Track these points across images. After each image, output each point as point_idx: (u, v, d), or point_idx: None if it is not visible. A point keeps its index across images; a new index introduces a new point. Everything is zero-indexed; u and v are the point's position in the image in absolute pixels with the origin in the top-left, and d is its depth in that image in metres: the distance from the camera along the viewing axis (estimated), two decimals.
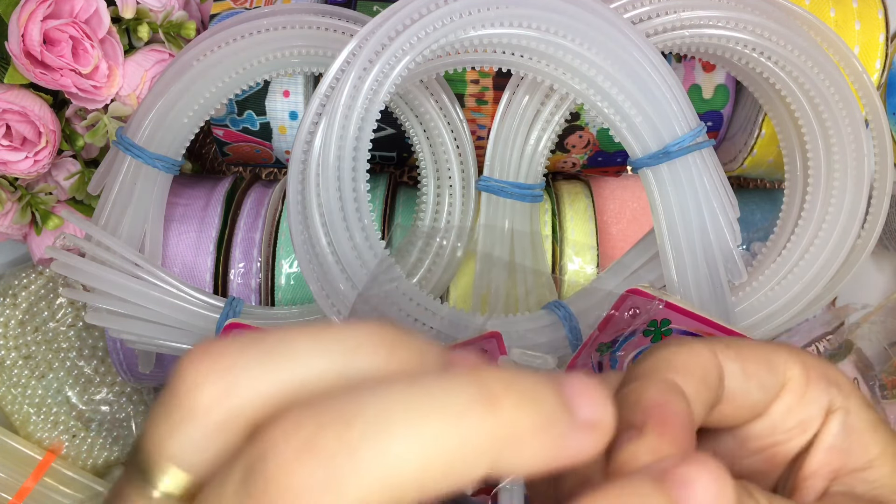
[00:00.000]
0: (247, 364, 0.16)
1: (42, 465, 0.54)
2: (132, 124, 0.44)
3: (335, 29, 0.42)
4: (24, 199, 0.49)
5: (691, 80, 0.48)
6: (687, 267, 0.40)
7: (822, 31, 0.41)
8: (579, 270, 0.47)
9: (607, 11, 0.38)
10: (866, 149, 0.41)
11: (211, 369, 0.15)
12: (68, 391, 0.55)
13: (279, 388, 0.15)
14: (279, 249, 0.47)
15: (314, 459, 0.14)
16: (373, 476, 0.14)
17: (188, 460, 0.16)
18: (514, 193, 0.44)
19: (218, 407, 0.15)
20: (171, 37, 0.50)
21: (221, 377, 0.15)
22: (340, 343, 0.16)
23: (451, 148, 0.46)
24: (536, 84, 0.42)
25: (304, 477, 0.14)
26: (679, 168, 0.39)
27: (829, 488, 0.22)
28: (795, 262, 0.42)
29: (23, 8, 0.43)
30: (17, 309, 0.55)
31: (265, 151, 0.51)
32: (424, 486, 0.14)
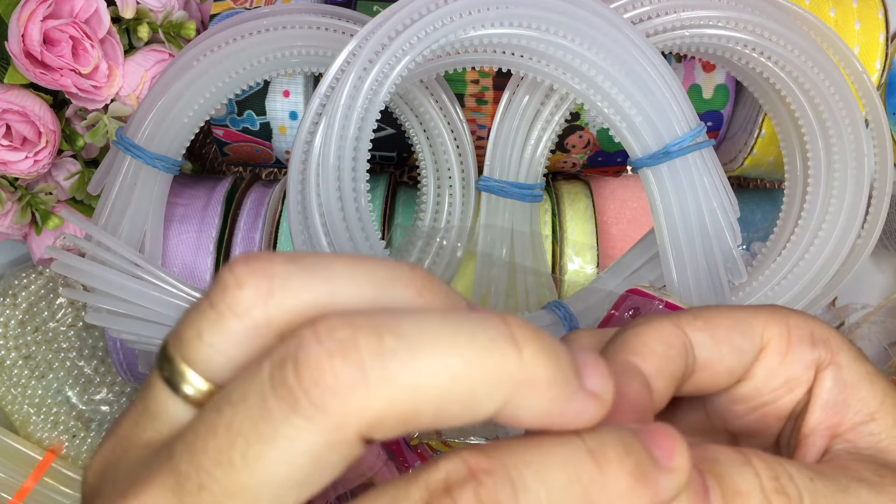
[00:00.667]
0: (288, 274, 0.16)
1: (42, 465, 0.54)
2: (132, 124, 0.44)
3: (335, 29, 0.42)
4: (24, 199, 0.49)
5: (691, 80, 0.48)
6: (687, 267, 0.40)
7: (822, 31, 0.41)
8: (579, 270, 0.47)
9: (607, 11, 0.38)
10: (866, 149, 0.41)
11: (254, 272, 0.16)
12: (68, 391, 0.55)
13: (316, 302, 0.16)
14: (279, 249, 0.47)
15: (346, 360, 0.14)
16: (399, 387, 0.14)
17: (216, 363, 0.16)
18: (514, 193, 0.44)
19: (257, 308, 0.16)
20: (171, 37, 0.50)
21: (264, 281, 0.16)
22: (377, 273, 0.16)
23: (451, 148, 0.46)
24: (536, 84, 0.42)
25: (334, 374, 0.14)
26: (679, 168, 0.39)
27: (832, 446, 0.22)
28: (795, 262, 0.42)
29: (23, 8, 0.43)
30: (17, 309, 0.55)
31: (265, 151, 0.51)
32: (443, 407, 0.15)
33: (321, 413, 0.14)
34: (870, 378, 0.22)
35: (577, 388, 0.16)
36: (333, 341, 0.14)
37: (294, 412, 0.14)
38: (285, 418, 0.14)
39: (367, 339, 0.14)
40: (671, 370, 0.21)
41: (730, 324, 0.22)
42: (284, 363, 0.15)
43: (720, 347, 0.22)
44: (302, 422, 0.14)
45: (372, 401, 0.14)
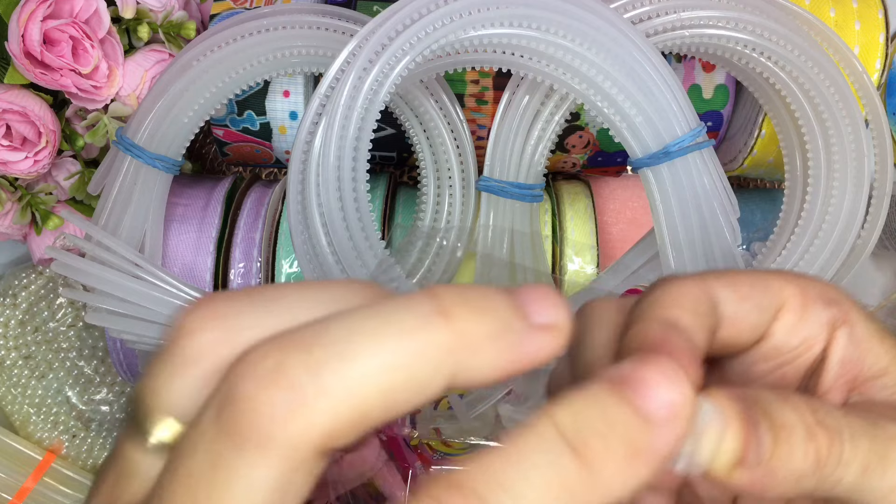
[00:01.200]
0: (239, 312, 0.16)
1: (42, 465, 0.54)
2: (132, 124, 0.44)
3: (335, 29, 0.42)
4: (24, 199, 0.49)
5: (691, 80, 0.48)
6: (687, 267, 0.40)
7: (822, 31, 0.41)
8: (579, 271, 0.47)
9: (607, 11, 0.38)
10: (866, 149, 0.41)
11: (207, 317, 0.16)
12: (68, 391, 0.55)
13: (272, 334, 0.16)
14: (279, 249, 0.47)
15: (279, 385, 0.14)
16: (337, 396, 0.14)
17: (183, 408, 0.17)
18: (514, 193, 0.44)
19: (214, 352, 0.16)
20: (171, 37, 0.50)
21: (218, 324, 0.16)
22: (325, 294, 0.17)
23: (451, 148, 0.46)
24: (536, 84, 0.42)
25: (270, 403, 0.14)
26: (679, 168, 0.39)
27: (849, 399, 0.23)
28: (795, 262, 0.42)
29: (23, 8, 0.43)
30: (17, 309, 0.55)
31: (265, 151, 0.51)
32: (389, 401, 0.15)
33: (270, 442, 0.14)
34: (881, 335, 0.23)
35: (525, 329, 0.16)
36: (264, 370, 0.14)
37: (243, 450, 0.14)
38: (238, 457, 0.14)
39: (296, 358, 0.14)
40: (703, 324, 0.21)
41: (751, 281, 0.23)
42: (223, 404, 0.15)
43: (743, 304, 0.22)
44: (254, 457, 0.14)
45: (315, 418, 0.14)
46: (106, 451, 0.57)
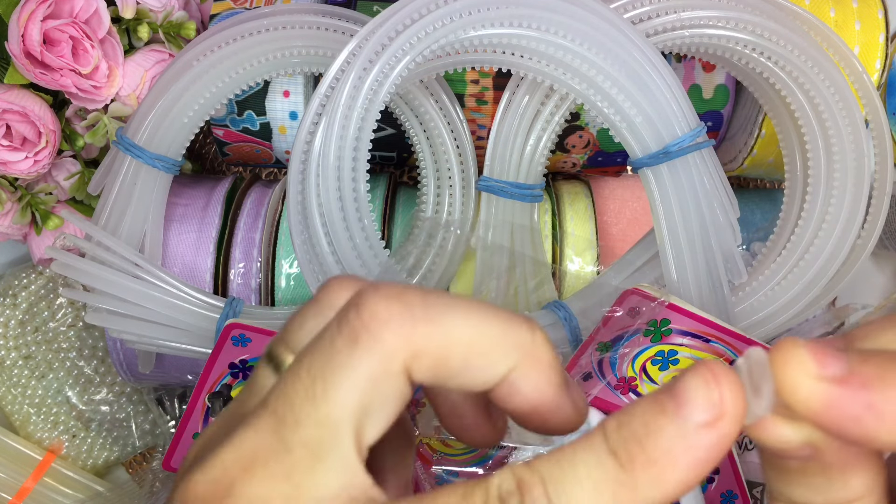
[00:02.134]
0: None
1: (42, 465, 0.54)
2: (132, 124, 0.44)
3: (335, 29, 0.42)
4: (24, 199, 0.49)
5: (691, 80, 0.48)
6: (687, 267, 0.40)
7: (822, 31, 0.41)
8: (579, 270, 0.47)
9: (607, 11, 0.38)
10: (866, 149, 0.41)
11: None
12: (68, 391, 0.55)
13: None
14: (279, 249, 0.47)
15: (399, 301, 0.18)
16: (437, 327, 0.18)
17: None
18: (514, 193, 0.44)
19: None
20: (171, 37, 0.50)
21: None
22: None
23: (451, 148, 0.46)
24: (536, 84, 0.42)
25: (388, 310, 0.17)
26: (679, 168, 0.39)
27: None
28: (795, 262, 0.42)
29: (23, 8, 0.43)
30: (17, 309, 0.55)
31: (265, 151, 0.51)
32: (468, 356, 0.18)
33: (376, 341, 0.17)
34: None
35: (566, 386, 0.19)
36: (388, 291, 0.18)
37: (355, 344, 0.17)
38: (349, 351, 0.17)
39: (414, 294, 0.18)
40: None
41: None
42: (348, 310, 0.18)
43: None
44: (361, 352, 0.17)
45: (415, 334, 0.17)
46: (106, 451, 0.57)
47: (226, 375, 0.42)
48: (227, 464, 0.17)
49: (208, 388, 0.42)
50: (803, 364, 0.16)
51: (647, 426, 0.16)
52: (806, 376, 0.16)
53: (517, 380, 0.19)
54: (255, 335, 0.40)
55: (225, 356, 0.41)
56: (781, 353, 0.16)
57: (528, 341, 0.19)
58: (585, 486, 0.16)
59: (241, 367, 0.42)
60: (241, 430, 0.18)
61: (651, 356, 0.41)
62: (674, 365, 0.42)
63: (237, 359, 0.41)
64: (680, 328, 0.39)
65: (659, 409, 0.16)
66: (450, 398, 0.22)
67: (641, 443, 0.16)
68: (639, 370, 0.42)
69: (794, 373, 0.16)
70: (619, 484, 0.16)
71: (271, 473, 0.17)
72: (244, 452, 0.17)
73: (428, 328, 0.18)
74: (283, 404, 0.18)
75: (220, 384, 0.42)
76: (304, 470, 0.17)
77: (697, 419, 0.16)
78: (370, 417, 0.18)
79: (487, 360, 0.18)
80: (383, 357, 0.17)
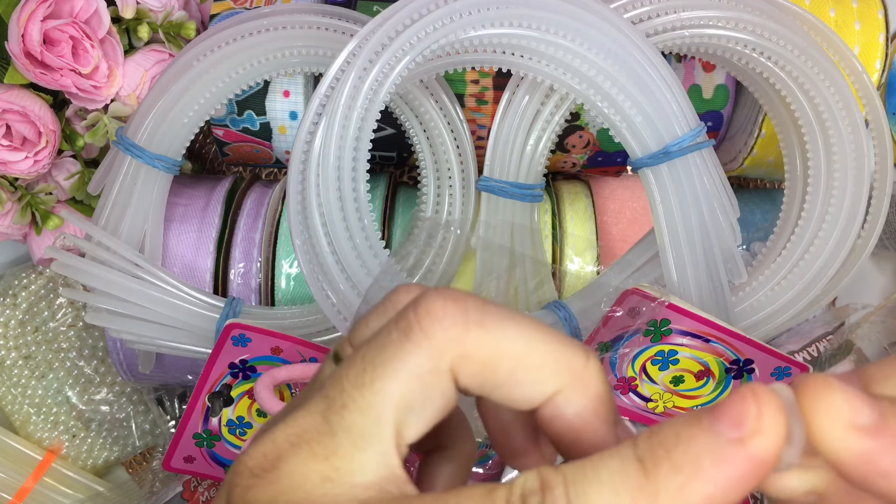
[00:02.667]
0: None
1: (42, 465, 0.54)
2: (132, 124, 0.44)
3: (335, 29, 0.42)
4: (24, 199, 0.49)
5: (691, 80, 0.48)
6: (687, 267, 0.40)
7: (822, 31, 0.41)
8: (579, 270, 0.47)
9: (607, 11, 0.38)
10: (866, 149, 0.41)
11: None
12: (68, 391, 0.55)
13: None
14: (279, 249, 0.47)
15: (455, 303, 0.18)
16: (489, 334, 0.18)
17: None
18: (514, 193, 0.44)
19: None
20: (171, 37, 0.50)
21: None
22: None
23: (451, 148, 0.46)
24: (536, 84, 0.42)
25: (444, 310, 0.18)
26: (679, 168, 0.39)
27: None
28: (795, 262, 0.42)
29: (23, 8, 0.43)
30: (17, 309, 0.55)
31: (265, 151, 0.51)
32: (516, 368, 0.18)
33: (427, 338, 0.18)
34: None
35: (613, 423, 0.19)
36: (449, 293, 0.18)
37: (408, 338, 0.18)
38: (401, 344, 0.18)
39: (474, 300, 0.18)
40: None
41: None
42: (408, 307, 0.18)
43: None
44: (412, 346, 0.18)
45: (466, 336, 0.18)
46: (106, 451, 0.57)
47: (226, 375, 0.42)
48: (278, 440, 0.18)
49: (208, 388, 0.42)
50: (837, 409, 0.15)
51: (679, 436, 0.15)
52: (839, 423, 0.15)
53: (562, 403, 0.18)
54: (255, 335, 0.40)
55: (225, 356, 0.41)
56: (812, 394, 0.15)
57: (580, 366, 0.18)
58: (605, 490, 0.16)
59: (241, 366, 0.42)
60: (295, 411, 0.19)
61: (651, 356, 0.41)
62: (674, 365, 0.42)
63: (237, 359, 0.41)
64: (680, 328, 0.39)
65: (694, 422, 0.16)
66: (501, 417, 0.22)
67: (669, 450, 0.15)
68: (639, 370, 0.42)
69: (826, 418, 0.15)
70: (639, 489, 0.15)
71: (314, 453, 0.18)
72: (294, 430, 0.18)
73: (480, 333, 0.18)
74: (335, 388, 0.18)
75: (220, 384, 0.42)
76: (344, 455, 0.17)
77: (731, 434, 0.15)
78: (413, 414, 0.18)
79: (535, 377, 0.18)
80: (432, 354, 0.18)
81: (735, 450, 0.15)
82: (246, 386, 0.43)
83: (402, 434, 0.18)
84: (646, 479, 0.15)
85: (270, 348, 0.41)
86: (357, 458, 0.17)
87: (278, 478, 0.18)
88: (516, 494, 0.16)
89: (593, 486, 0.16)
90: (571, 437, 0.19)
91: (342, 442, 0.18)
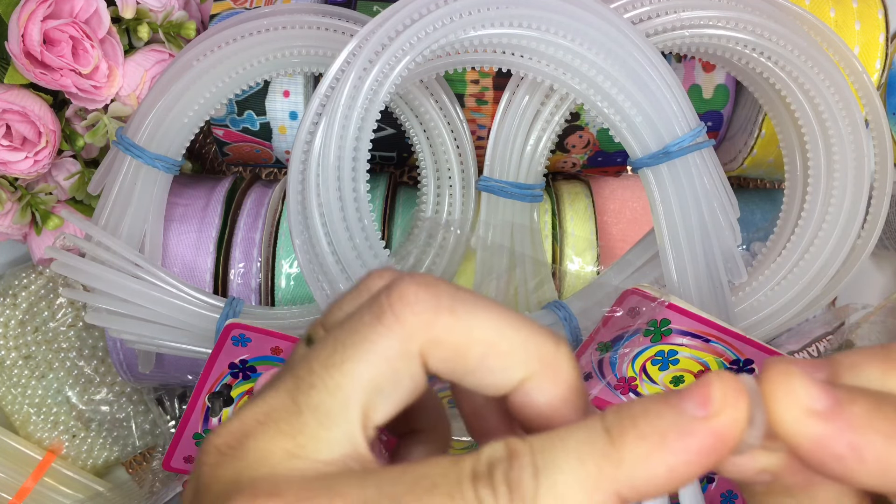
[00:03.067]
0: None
1: (42, 465, 0.54)
2: (132, 124, 0.44)
3: (335, 29, 0.42)
4: (24, 199, 0.49)
5: (691, 80, 0.48)
6: (687, 267, 0.40)
7: (822, 31, 0.41)
8: (579, 270, 0.47)
9: (607, 11, 0.38)
10: (866, 149, 0.41)
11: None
12: (68, 391, 0.55)
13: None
14: (279, 249, 0.47)
15: (427, 289, 0.18)
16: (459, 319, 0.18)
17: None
18: (514, 193, 0.44)
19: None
20: (171, 37, 0.50)
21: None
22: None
23: (451, 148, 0.46)
24: (536, 84, 0.42)
25: (416, 295, 0.18)
26: (679, 168, 0.39)
27: None
28: (795, 262, 0.42)
29: (23, 8, 0.43)
30: (17, 309, 0.55)
31: (265, 151, 0.51)
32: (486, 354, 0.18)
33: (399, 323, 0.18)
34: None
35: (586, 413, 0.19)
36: (421, 279, 0.19)
37: (379, 321, 0.18)
38: (372, 327, 0.18)
39: (446, 286, 0.19)
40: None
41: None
42: (381, 291, 0.19)
43: None
44: (383, 329, 0.18)
45: (437, 321, 0.18)
46: (106, 451, 0.57)
47: (226, 375, 0.42)
48: (246, 419, 0.18)
49: (208, 388, 0.42)
50: (794, 394, 0.16)
51: (647, 411, 0.16)
52: (796, 408, 0.16)
53: (533, 390, 0.19)
54: (255, 335, 0.40)
55: (225, 356, 0.41)
56: (773, 379, 0.16)
57: (550, 354, 0.19)
58: (571, 457, 0.16)
59: (241, 367, 0.42)
60: (264, 391, 0.19)
61: (651, 356, 0.41)
62: (674, 365, 0.42)
63: (237, 359, 0.41)
64: (680, 328, 0.39)
65: (662, 400, 0.16)
66: (474, 400, 0.22)
67: (636, 422, 0.16)
68: (639, 370, 0.42)
69: (784, 403, 0.16)
70: (605, 457, 0.16)
71: (281, 431, 0.18)
72: (263, 409, 0.18)
73: (450, 319, 0.18)
74: (304, 368, 0.18)
75: (220, 384, 0.42)
76: (310, 433, 0.18)
77: (696, 412, 0.16)
78: (381, 396, 0.18)
79: (505, 363, 0.18)
80: (402, 337, 0.18)
81: (699, 425, 0.16)
82: (246, 386, 0.43)
83: (369, 416, 0.18)
84: (612, 446, 0.16)
85: (270, 348, 0.41)
86: (323, 437, 0.18)
87: (244, 454, 0.18)
88: (483, 462, 0.16)
89: (560, 454, 0.16)
90: (542, 425, 0.19)
91: (308, 421, 0.18)
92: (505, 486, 0.16)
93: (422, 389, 0.19)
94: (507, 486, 0.16)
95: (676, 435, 0.16)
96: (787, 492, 0.18)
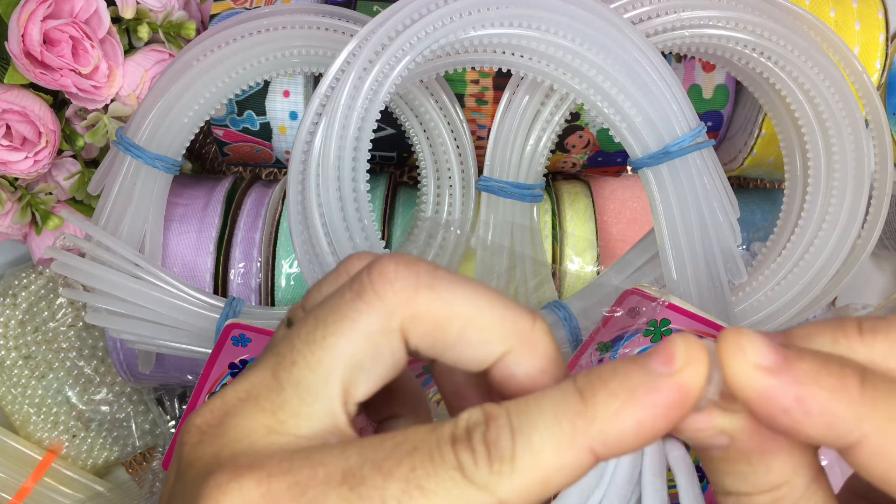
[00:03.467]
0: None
1: (42, 465, 0.54)
2: (132, 124, 0.44)
3: (335, 29, 0.42)
4: (24, 199, 0.49)
5: (691, 80, 0.48)
6: (687, 267, 0.40)
7: (822, 31, 0.41)
8: (579, 270, 0.47)
9: (607, 11, 0.38)
10: (866, 149, 0.41)
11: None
12: (68, 391, 0.55)
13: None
14: (279, 249, 0.47)
15: (407, 268, 0.19)
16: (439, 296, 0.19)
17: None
18: (514, 193, 0.44)
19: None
20: (171, 37, 0.50)
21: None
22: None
23: (451, 148, 0.46)
24: (536, 84, 0.42)
25: (396, 272, 0.18)
26: (679, 168, 0.39)
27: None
28: (795, 262, 0.42)
29: (23, 8, 0.43)
30: (17, 309, 0.55)
31: (265, 151, 0.51)
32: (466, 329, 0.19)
33: (379, 299, 0.18)
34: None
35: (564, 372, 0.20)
36: (401, 258, 0.19)
37: (360, 298, 0.18)
38: (353, 304, 0.18)
39: (425, 264, 0.19)
40: None
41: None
42: (362, 270, 0.19)
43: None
44: (364, 306, 0.18)
45: (417, 297, 0.18)
46: (106, 451, 0.57)
47: (226, 375, 0.42)
48: (227, 398, 0.19)
49: (208, 388, 0.42)
50: (745, 352, 0.17)
51: (616, 371, 0.17)
52: (746, 364, 0.17)
53: (512, 364, 0.19)
54: (255, 335, 0.40)
55: (225, 356, 0.41)
56: (727, 340, 0.17)
57: (527, 328, 0.19)
58: (546, 417, 0.17)
59: (241, 367, 0.42)
60: (247, 371, 0.19)
61: None
62: None
63: (237, 359, 0.41)
64: (680, 328, 0.39)
65: (630, 361, 0.17)
66: (454, 378, 0.22)
67: (606, 382, 0.17)
68: None
69: (735, 360, 0.17)
70: (578, 414, 0.17)
71: (261, 407, 0.18)
72: (244, 387, 0.19)
73: (430, 295, 0.18)
74: (286, 346, 0.19)
75: (220, 384, 0.42)
76: (291, 409, 0.18)
77: (662, 369, 0.17)
78: (362, 372, 0.19)
79: (483, 338, 0.19)
80: (382, 314, 0.18)
81: (665, 381, 0.17)
82: None
83: (349, 392, 0.19)
84: (584, 405, 0.17)
85: None
86: (303, 412, 0.18)
87: (225, 431, 0.18)
88: (461, 427, 0.17)
89: (535, 415, 0.17)
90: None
91: (289, 397, 0.18)
92: (483, 447, 0.16)
93: (402, 366, 0.19)
94: (485, 446, 0.16)
95: (644, 391, 0.17)
96: (745, 458, 0.18)
